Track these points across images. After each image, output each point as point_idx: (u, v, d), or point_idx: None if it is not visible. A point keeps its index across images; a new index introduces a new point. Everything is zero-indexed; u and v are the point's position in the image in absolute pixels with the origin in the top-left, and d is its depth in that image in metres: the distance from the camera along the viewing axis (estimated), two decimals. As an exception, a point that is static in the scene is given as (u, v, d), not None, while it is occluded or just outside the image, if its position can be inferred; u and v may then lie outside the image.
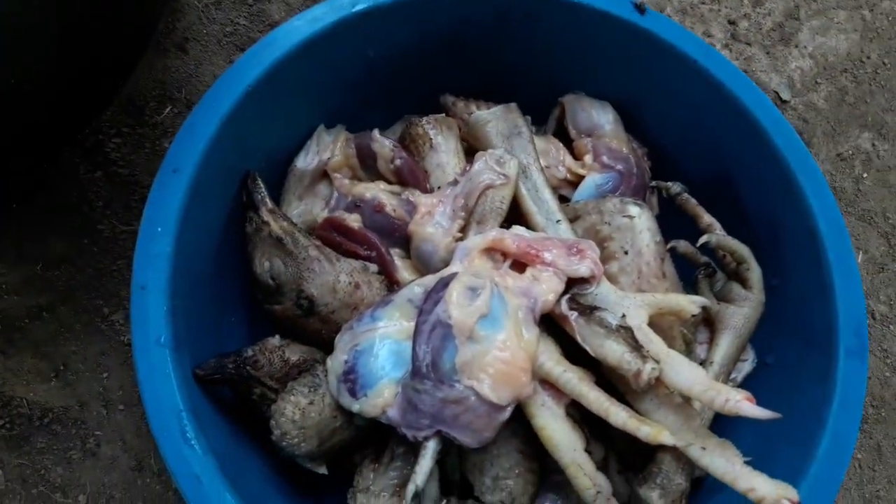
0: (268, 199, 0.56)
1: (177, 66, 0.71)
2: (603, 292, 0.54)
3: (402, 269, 0.58)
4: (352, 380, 0.50)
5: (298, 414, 0.50)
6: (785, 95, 0.92)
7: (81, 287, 0.63)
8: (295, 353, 0.53)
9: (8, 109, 0.51)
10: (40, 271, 0.63)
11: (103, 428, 0.60)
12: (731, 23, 0.94)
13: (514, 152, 0.60)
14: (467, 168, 0.59)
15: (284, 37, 0.56)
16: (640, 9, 0.64)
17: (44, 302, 0.63)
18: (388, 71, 0.64)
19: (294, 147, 0.62)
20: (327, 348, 0.53)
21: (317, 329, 0.55)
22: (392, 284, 0.58)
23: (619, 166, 0.64)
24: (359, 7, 0.58)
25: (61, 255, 0.64)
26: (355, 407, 0.50)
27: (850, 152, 0.90)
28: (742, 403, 0.47)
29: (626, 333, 0.50)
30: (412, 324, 0.51)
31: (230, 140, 0.54)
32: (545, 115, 0.72)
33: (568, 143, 0.69)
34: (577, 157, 0.68)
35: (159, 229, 0.47)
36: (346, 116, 0.65)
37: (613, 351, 0.49)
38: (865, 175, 0.89)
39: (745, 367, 0.62)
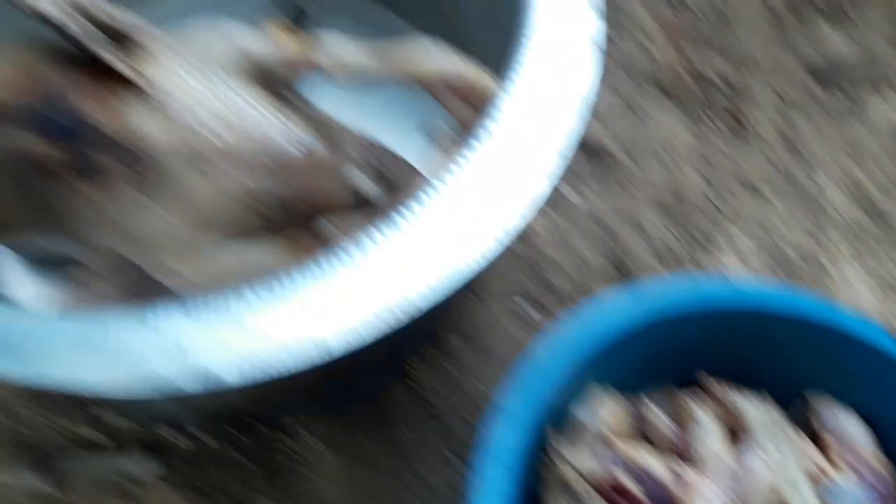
0: (561, 447, 0.66)
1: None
2: None
3: (668, 541, 0.64)
4: None
5: None
6: None
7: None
8: None
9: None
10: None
11: None
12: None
13: (778, 447, 0.67)
14: (735, 452, 0.66)
15: (601, 323, 0.69)
16: (895, 337, 0.70)
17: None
18: (662, 354, 0.75)
19: (575, 401, 0.72)
20: None
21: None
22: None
23: (879, 486, 0.67)
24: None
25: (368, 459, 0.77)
26: None
27: None
28: None
29: None
30: None
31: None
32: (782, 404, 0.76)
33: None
34: (825, 455, 0.72)
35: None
36: (618, 381, 0.75)
37: None
38: None
39: None
